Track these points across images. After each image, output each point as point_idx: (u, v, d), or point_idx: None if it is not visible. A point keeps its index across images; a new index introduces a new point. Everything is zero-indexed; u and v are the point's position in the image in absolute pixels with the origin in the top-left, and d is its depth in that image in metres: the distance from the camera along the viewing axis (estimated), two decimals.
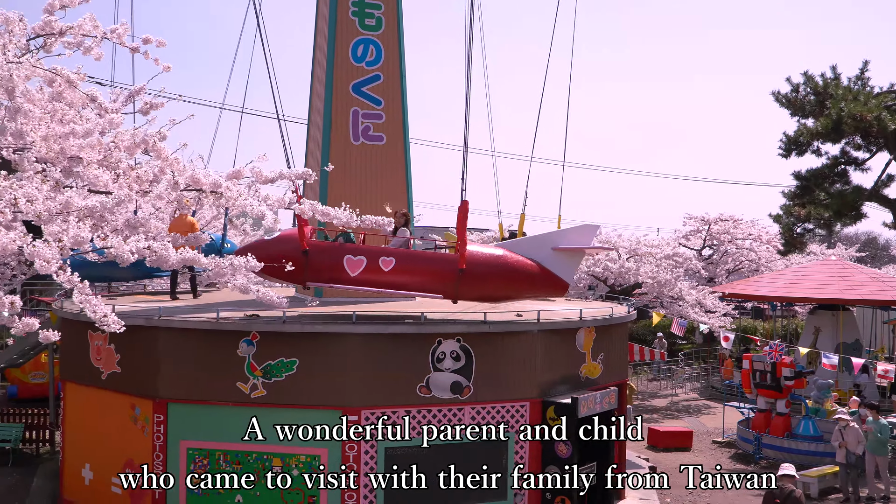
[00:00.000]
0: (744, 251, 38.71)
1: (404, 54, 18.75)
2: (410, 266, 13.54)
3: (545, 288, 14.44)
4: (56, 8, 9.28)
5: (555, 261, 14.07)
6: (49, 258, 6.02)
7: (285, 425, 13.03)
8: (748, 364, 21.64)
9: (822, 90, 23.67)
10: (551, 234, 14.72)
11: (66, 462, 15.39)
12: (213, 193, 8.85)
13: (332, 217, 9.03)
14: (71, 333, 15.29)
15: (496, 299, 14.27)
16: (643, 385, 32.15)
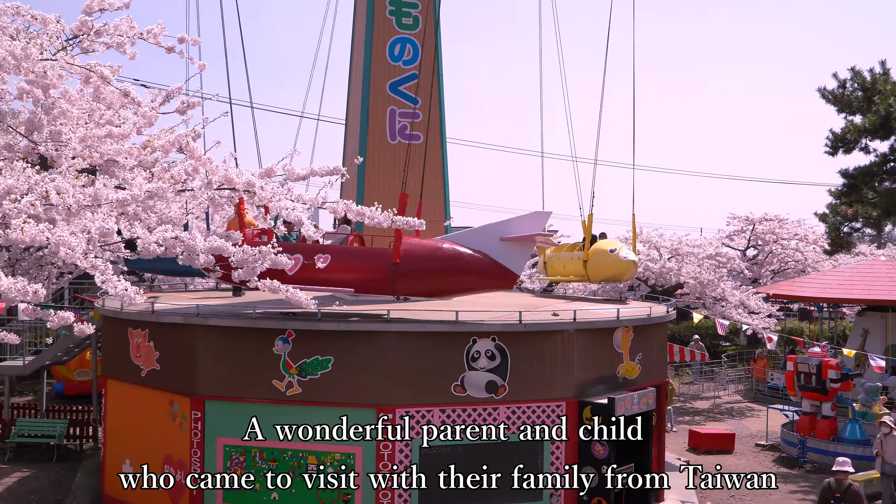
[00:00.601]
0: (789, 251, 37.99)
1: (441, 53, 18.76)
2: (345, 263, 13.20)
3: (492, 280, 13.74)
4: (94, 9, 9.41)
5: (503, 251, 13.45)
6: (73, 245, 6.08)
7: (320, 423, 13.06)
8: (792, 366, 21.18)
9: (870, 86, 23.07)
10: (499, 224, 13.86)
11: (108, 458, 15.62)
12: (246, 192, 8.91)
13: (367, 217, 9.02)
14: (112, 331, 15.57)
15: (436, 294, 13.81)
16: (684, 387, 31.71)
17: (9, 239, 5.84)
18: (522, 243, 13.62)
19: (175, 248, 7.16)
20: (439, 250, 13.39)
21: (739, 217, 38.66)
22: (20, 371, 19.36)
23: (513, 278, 13.83)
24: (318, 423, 13.09)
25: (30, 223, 5.86)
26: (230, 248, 7.62)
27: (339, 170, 9.74)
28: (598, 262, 19.09)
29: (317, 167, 9.71)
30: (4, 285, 5.91)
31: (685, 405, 28.17)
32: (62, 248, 6.04)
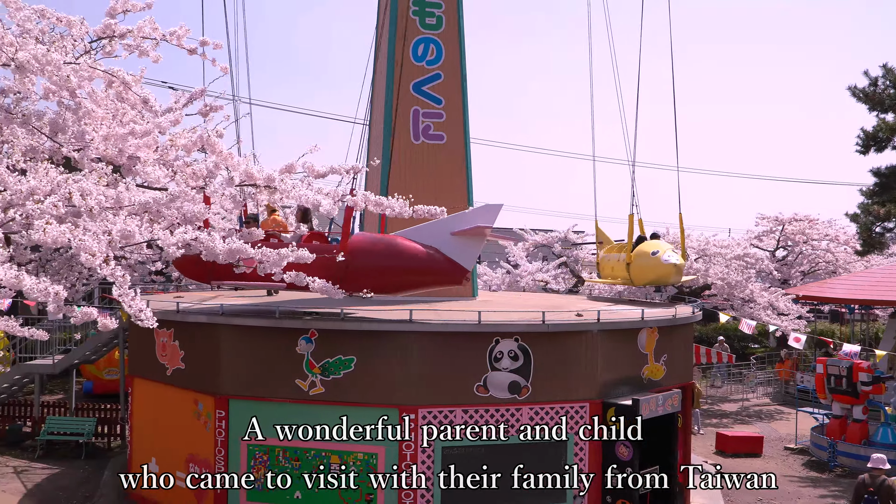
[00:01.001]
0: (820, 252, 37.49)
1: (465, 53, 18.71)
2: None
3: (443, 276, 13.69)
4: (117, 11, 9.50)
5: (454, 246, 13.39)
6: (94, 251, 6.13)
7: (343, 423, 13.09)
8: (822, 368, 20.89)
9: None
10: (451, 218, 13.50)
11: (134, 456, 15.77)
12: (267, 188, 8.95)
13: (385, 207, 9.02)
14: (138, 330, 15.67)
15: (386, 290, 13.62)
16: (711, 390, 31.40)
17: (31, 239, 5.90)
18: (472, 237, 13.63)
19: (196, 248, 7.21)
20: (391, 246, 13.37)
21: (768, 217, 38.22)
22: (50, 370, 19.61)
23: (462, 273, 13.84)
24: (340, 423, 13.12)
25: (52, 224, 5.92)
26: (249, 250, 7.66)
27: (359, 168, 9.77)
28: (640, 264, 18.78)
29: (337, 164, 9.73)
30: (27, 285, 5.98)
31: (713, 407, 27.89)
32: (83, 253, 6.09)
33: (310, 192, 8.43)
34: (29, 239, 5.91)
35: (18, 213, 5.99)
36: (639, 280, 19.16)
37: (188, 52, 9.87)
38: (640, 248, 19.03)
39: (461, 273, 13.70)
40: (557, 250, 32.29)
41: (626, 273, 19.12)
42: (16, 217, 5.94)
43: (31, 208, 5.93)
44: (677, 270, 18.14)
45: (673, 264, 17.96)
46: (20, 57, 7.70)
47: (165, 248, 6.95)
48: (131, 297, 6.37)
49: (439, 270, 13.57)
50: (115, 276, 6.30)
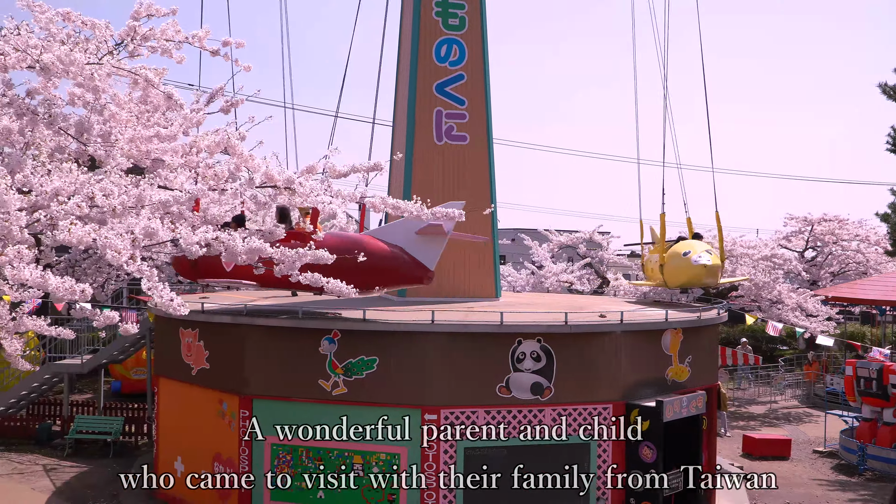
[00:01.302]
0: (850, 253, 37.00)
1: (488, 53, 18.69)
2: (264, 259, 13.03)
3: (407, 275, 13.80)
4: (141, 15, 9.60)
5: (418, 246, 13.41)
6: (119, 248, 6.20)
7: (365, 423, 13.13)
8: (851, 370, 20.61)
9: None
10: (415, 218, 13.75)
11: (160, 455, 15.92)
12: (286, 190, 9.00)
13: (402, 210, 9.04)
14: (164, 330, 15.87)
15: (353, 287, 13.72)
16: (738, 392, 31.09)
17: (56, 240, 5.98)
18: (434, 236, 13.66)
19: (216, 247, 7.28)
20: (356, 245, 13.34)
21: (797, 218, 37.76)
22: (78, 369, 19.86)
23: (426, 273, 13.99)
24: (363, 423, 13.17)
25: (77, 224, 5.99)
26: (268, 250, 7.71)
27: (380, 165, 9.80)
28: (672, 266, 18.34)
29: (358, 163, 9.76)
30: (53, 284, 6.06)
31: (740, 410, 27.61)
32: (108, 251, 6.16)
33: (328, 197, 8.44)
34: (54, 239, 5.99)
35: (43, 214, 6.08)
36: (671, 282, 18.60)
37: (211, 53, 9.96)
38: (673, 248, 18.61)
39: (424, 272, 13.92)
40: (582, 251, 32.16)
41: (661, 275, 18.82)
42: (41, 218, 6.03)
43: (55, 209, 6.01)
44: (708, 272, 17.41)
45: (703, 265, 17.31)
46: (45, 59, 7.81)
47: (186, 247, 7.01)
48: (161, 289, 6.43)
49: (404, 270, 13.79)
50: (143, 271, 6.36)
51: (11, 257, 5.87)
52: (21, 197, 6.09)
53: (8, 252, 5.86)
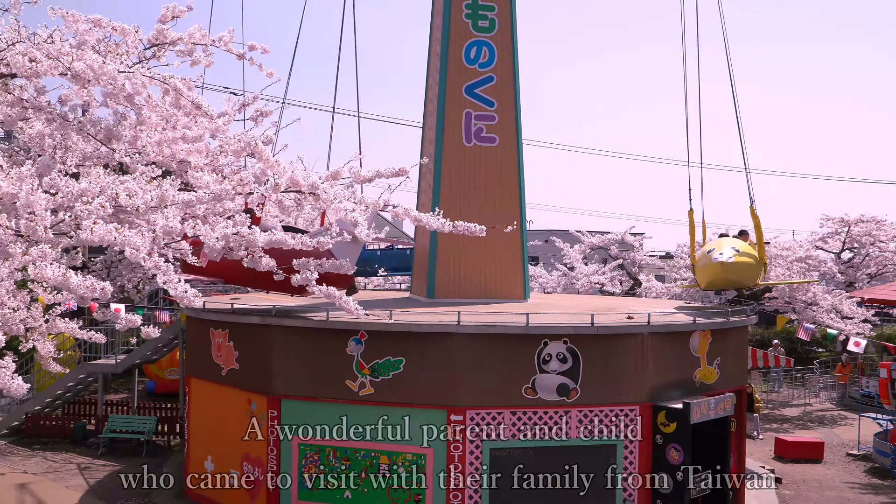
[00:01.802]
0: (888, 255, 36.41)
1: (517, 55, 18.70)
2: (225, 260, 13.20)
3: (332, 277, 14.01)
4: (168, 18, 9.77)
5: (340, 248, 13.41)
6: (138, 245, 6.34)
7: (392, 424, 13.22)
8: (885, 373, 20.31)
9: None
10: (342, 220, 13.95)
11: (191, 454, 16.14)
12: (311, 195, 9.10)
13: (424, 223, 9.12)
14: (195, 331, 16.10)
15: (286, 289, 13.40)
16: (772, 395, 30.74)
17: (80, 239, 6.13)
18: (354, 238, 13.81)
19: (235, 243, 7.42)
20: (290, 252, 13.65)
21: (833, 219, 37.24)
22: (112, 369, 20.20)
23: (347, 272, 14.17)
24: (389, 424, 13.26)
25: (99, 223, 6.13)
26: (289, 241, 7.85)
27: (405, 171, 9.84)
28: (700, 266, 17.94)
29: (383, 168, 9.82)
30: (74, 283, 6.21)
31: (773, 412, 27.31)
32: (127, 247, 6.30)
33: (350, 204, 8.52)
34: (78, 239, 6.15)
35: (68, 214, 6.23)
36: (701, 282, 18.04)
37: (237, 56, 10.09)
38: (704, 247, 18.34)
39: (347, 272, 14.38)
40: (614, 252, 32.01)
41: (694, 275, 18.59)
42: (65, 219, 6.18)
43: (79, 209, 6.16)
44: (727, 270, 16.63)
45: (720, 263, 16.59)
46: (76, 67, 7.98)
47: (207, 242, 7.16)
48: (175, 282, 6.54)
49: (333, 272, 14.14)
50: (160, 267, 6.48)
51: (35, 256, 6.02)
52: (48, 197, 6.25)
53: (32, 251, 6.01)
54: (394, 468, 13.29)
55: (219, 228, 7.30)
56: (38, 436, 20.39)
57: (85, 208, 6.17)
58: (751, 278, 17.58)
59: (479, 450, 13.09)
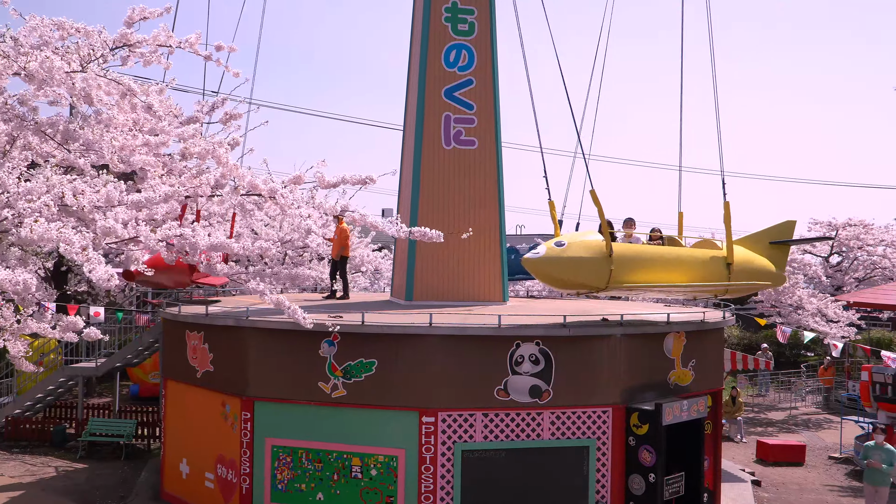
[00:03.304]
0: (876, 258, 36.48)
1: (497, 58, 18.72)
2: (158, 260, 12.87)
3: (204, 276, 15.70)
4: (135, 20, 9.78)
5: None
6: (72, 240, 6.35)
7: (364, 425, 13.22)
8: (867, 376, 20.33)
9: None
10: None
11: (167, 456, 16.12)
12: (271, 199, 9.12)
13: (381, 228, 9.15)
14: (171, 333, 16.08)
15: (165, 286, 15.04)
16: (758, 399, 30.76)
17: (20, 238, 6.13)
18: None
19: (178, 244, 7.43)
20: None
21: (822, 223, 37.35)
22: (93, 372, 20.16)
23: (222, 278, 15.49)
24: (361, 425, 13.25)
25: (40, 222, 6.14)
26: (233, 246, 7.84)
27: (372, 179, 9.89)
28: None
29: (348, 175, 9.86)
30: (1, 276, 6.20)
31: (759, 416, 27.34)
32: (62, 244, 6.31)
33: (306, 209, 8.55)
34: (18, 237, 6.14)
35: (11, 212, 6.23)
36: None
37: (204, 58, 10.12)
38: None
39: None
40: None
41: None
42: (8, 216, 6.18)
43: (22, 207, 6.16)
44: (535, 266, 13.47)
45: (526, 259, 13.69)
46: (30, 66, 8.00)
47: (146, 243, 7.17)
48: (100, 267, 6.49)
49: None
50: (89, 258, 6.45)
51: None
52: None
53: None
54: (366, 470, 13.27)
55: (161, 230, 7.31)
56: (17, 439, 20.36)
57: (28, 206, 6.17)
58: (578, 276, 13.61)
59: (451, 451, 13.08)
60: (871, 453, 15.11)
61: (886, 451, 14.98)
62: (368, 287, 31.40)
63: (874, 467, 14.93)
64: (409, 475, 13.07)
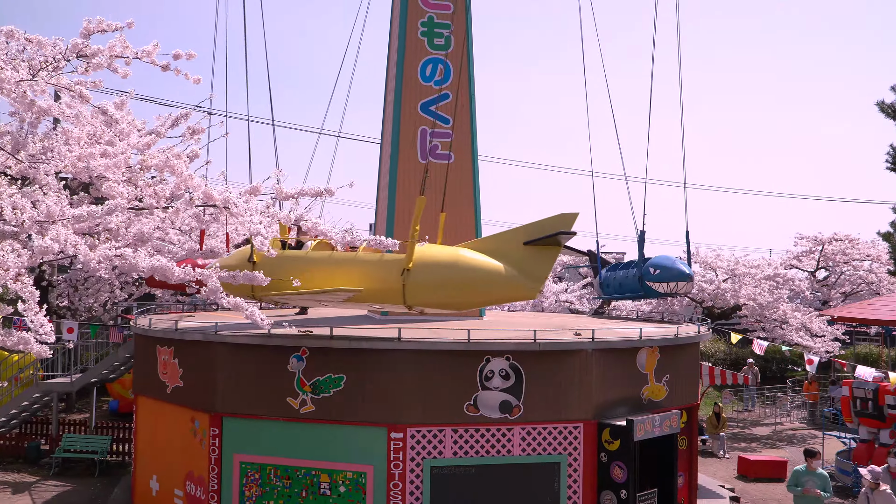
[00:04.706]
0: (862, 273, 36.52)
1: (473, 72, 18.71)
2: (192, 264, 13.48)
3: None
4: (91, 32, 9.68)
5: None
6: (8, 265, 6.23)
7: (332, 442, 13.07)
8: (848, 391, 20.22)
9: None
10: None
11: (137, 473, 15.93)
12: (225, 209, 9.02)
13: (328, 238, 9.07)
14: (142, 349, 15.93)
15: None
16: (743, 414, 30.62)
17: None
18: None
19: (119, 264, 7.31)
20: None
21: (808, 237, 37.43)
22: (68, 388, 19.98)
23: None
24: (330, 441, 13.10)
25: None
26: (174, 269, 7.72)
27: (331, 191, 9.82)
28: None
29: (307, 187, 9.78)
30: None
31: (743, 431, 27.18)
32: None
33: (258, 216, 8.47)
34: None
35: None
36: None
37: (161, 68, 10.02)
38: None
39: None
40: (584, 271, 31.96)
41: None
42: None
43: None
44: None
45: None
46: None
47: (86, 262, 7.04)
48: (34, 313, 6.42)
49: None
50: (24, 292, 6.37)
51: None
52: None
53: None
54: (334, 487, 13.10)
55: (100, 249, 7.19)
56: None
57: None
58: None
59: (420, 468, 12.92)
60: (803, 479, 13.74)
61: (820, 477, 13.74)
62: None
63: (811, 495, 13.65)
64: (377, 492, 12.91)
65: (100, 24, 9.67)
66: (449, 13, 18.32)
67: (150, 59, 9.90)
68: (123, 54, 9.71)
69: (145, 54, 9.81)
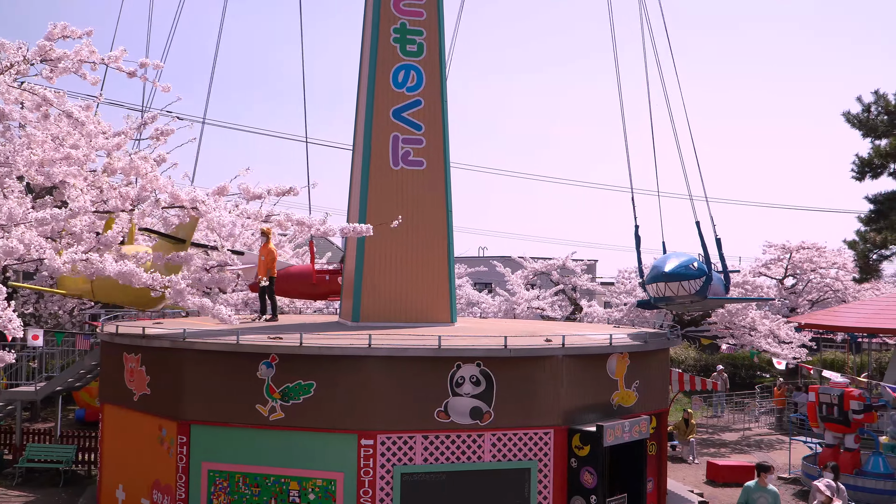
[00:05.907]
0: (829, 281, 36.97)
1: (446, 79, 18.74)
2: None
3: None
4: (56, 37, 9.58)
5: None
6: None
7: (302, 449, 12.97)
8: (814, 396, 20.45)
9: (894, 109, 22.44)
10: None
11: (103, 482, 15.71)
12: (193, 210, 8.94)
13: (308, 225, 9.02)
14: (109, 356, 15.73)
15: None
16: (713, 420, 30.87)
17: None
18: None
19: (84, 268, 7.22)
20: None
21: (776, 245, 37.82)
22: (32, 396, 19.65)
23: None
24: (299, 449, 13.01)
25: None
26: (142, 275, 7.65)
27: (296, 190, 9.78)
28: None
29: (273, 186, 9.73)
30: None
31: (712, 437, 27.40)
32: None
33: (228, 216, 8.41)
34: None
35: None
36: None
37: (128, 74, 9.93)
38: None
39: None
40: (555, 277, 32.09)
41: None
42: None
43: None
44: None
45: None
46: None
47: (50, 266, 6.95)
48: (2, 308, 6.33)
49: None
50: None
51: None
52: None
53: None
54: (304, 494, 13.01)
55: (67, 253, 7.10)
56: None
57: None
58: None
59: (390, 475, 12.86)
60: (754, 496, 13.08)
61: (771, 494, 13.10)
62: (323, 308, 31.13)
63: None
64: (347, 499, 12.83)
65: (64, 29, 9.58)
66: (422, 20, 18.34)
67: (117, 65, 9.82)
68: (90, 59, 9.63)
69: (112, 60, 9.74)
